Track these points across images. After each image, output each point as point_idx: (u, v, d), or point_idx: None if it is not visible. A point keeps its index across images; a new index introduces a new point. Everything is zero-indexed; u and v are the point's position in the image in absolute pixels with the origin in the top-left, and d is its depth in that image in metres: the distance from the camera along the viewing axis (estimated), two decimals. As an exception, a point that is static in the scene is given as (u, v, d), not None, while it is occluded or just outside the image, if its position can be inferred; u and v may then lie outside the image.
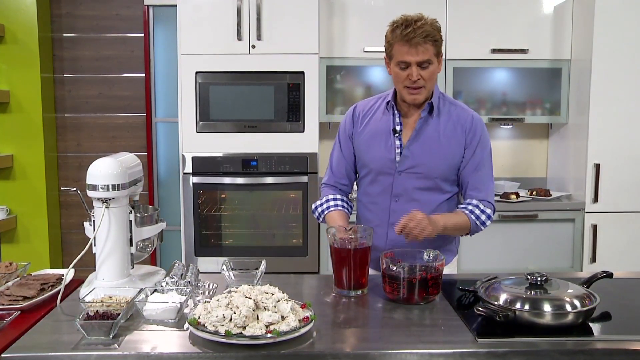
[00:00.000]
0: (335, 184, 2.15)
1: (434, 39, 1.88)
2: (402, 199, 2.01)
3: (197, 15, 3.36)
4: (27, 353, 1.43)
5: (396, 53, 1.90)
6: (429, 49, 1.87)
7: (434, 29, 1.88)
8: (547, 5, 3.66)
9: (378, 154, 2.01)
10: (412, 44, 1.85)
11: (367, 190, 2.09)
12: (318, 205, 2.14)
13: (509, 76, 3.82)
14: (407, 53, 1.87)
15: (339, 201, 2.10)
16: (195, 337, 1.47)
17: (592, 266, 3.49)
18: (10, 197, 3.83)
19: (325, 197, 2.13)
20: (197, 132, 3.42)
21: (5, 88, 3.76)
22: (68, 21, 3.97)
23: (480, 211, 1.98)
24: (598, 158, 3.47)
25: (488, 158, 2.02)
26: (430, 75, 1.91)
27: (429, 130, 1.98)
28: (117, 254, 1.86)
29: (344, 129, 2.11)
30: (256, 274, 1.88)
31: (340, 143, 2.12)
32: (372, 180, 2.06)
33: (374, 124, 2.04)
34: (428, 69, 1.90)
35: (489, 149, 2.03)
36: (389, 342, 1.48)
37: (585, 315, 1.53)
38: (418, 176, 1.98)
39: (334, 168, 2.14)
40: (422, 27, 1.85)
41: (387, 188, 2.02)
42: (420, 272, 1.70)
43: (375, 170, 2.03)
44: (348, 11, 3.61)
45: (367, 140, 2.04)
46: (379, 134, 2.02)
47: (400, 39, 1.87)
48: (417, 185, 1.99)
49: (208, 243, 3.50)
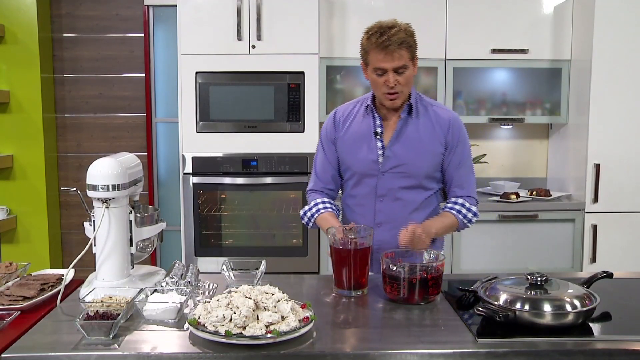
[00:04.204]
0: (322, 189, 2.17)
1: (408, 44, 1.93)
2: (386, 198, 2.06)
3: (197, 15, 3.36)
4: (27, 353, 1.43)
5: (372, 60, 1.95)
6: (404, 54, 1.92)
7: (407, 35, 1.93)
8: (547, 5, 3.66)
9: (361, 156, 2.06)
10: (387, 51, 1.90)
11: (352, 192, 2.13)
12: (307, 210, 2.16)
13: (509, 76, 3.82)
14: (383, 60, 1.92)
15: (327, 204, 2.13)
16: (195, 337, 1.47)
17: (592, 266, 3.49)
18: (10, 198, 3.83)
19: (314, 201, 2.15)
20: (197, 132, 3.42)
21: (5, 88, 3.76)
22: (68, 21, 3.97)
23: (467, 210, 2.07)
24: (598, 158, 3.47)
25: (468, 154, 2.11)
26: (406, 80, 1.96)
27: (409, 131, 2.04)
28: (117, 254, 1.86)
29: (326, 134, 2.15)
30: (256, 274, 1.88)
31: (324, 148, 2.16)
32: (356, 183, 2.10)
33: (355, 127, 2.09)
34: (404, 74, 1.95)
35: (469, 146, 2.12)
36: (389, 342, 1.48)
37: (585, 316, 1.53)
38: (401, 175, 2.04)
39: (319, 173, 2.17)
40: (396, 34, 1.90)
41: (372, 189, 2.07)
42: (420, 272, 1.70)
43: (360, 173, 2.08)
44: (348, 11, 3.61)
45: (349, 144, 2.09)
46: (361, 137, 2.07)
47: (376, 47, 1.91)
48: (401, 185, 2.05)
49: (208, 243, 3.50)
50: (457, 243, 3.51)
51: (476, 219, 2.10)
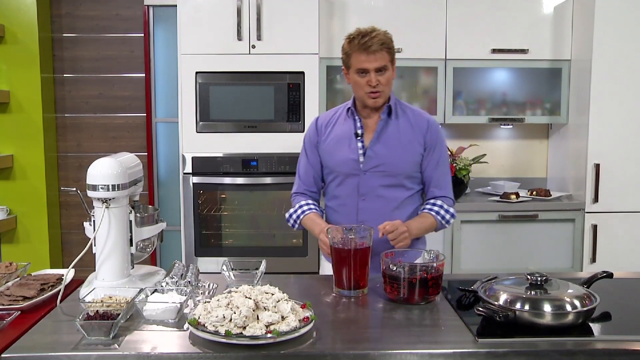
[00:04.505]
0: (305, 192, 2.27)
1: (388, 46, 2.05)
2: (368, 197, 2.14)
3: (197, 15, 3.36)
4: (27, 353, 1.43)
5: (354, 62, 2.06)
6: (385, 56, 2.04)
7: (387, 39, 2.06)
8: (547, 5, 3.66)
9: (343, 156, 2.15)
10: (369, 52, 2.02)
11: (335, 193, 2.21)
12: (292, 212, 2.25)
13: (509, 76, 3.82)
14: (365, 61, 2.03)
15: (312, 205, 2.23)
16: (195, 337, 1.47)
17: (592, 266, 3.49)
18: (10, 198, 3.83)
19: (298, 203, 2.25)
20: (197, 132, 3.42)
21: (5, 88, 3.76)
22: (68, 21, 3.97)
23: (445, 211, 2.15)
24: (598, 158, 3.47)
25: (445, 156, 2.20)
26: (387, 81, 2.08)
27: (389, 131, 2.13)
28: (117, 254, 1.86)
29: (309, 140, 2.26)
30: (256, 274, 1.88)
31: (307, 153, 2.26)
32: (339, 183, 2.19)
33: (337, 130, 2.19)
34: (385, 75, 2.06)
35: (446, 148, 2.22)
36: (389, 342, 1.48)
37: (586, 316, 1.53)
38: (382, 174, 2.12)
39: (302, 177, 2.28)
40: (377, 37, 2.03)
41: (354, 188, 2.15)
42: (420, 272, 1.70)
43: (342, 173, 2.17)
44: (348, 11, 3.61)
45: (332, 146, 2.19)
46: (343, 138, 2.16)
47: (358, 49, 2.03)
48: (382, 183, 2.13)
49: (208, 243, 3.50)
50: (457, 243, 3.51)
51: (453, 219, 2.18)
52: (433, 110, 3.68)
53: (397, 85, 3.79)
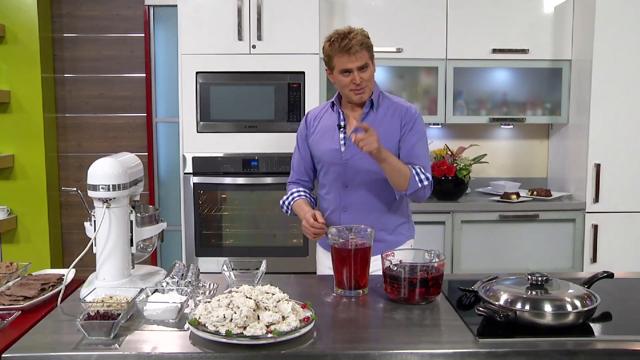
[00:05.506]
0: (297, 181, 2.42)
1: (367, 45, 2.15)
2: (350, 185, 2.25)
3: (197, 15, 3.36)
4: (27, 353, 1.43)
5: (337, 63, 2.15)
6: (365, 54, 2.14)
7: (365, 37, 2.15)
8: (547, 5, 3.65)
9: (326, 147, 2.27)
10: (350, 53, 2.11)
11: (323, 181, 2.35)
12: (285, 199, 2.38)
13: (509, 76, 3.82)
14: (347, 61, 2.13)
15: (302, 192, 2.36)
16: (196, 337, 1.47)
17: (593, 266, 3.49)
18: (11, 197, 3.83)
19: (290, 191, 2.38)
20: (198, 132, 3.42)
21: (5, 88, 3.77)
22: (68, 21, 3.97)
23: (420, 171, 2.17)
24: (598, 158, 3.47)
25: (422, 140, 2.24)
26: (369, 76, 2.18)
27: (369, 122, 2.19)
28: (118, 254, 1.86)
29: (300, 133, 2.41)
30: (257, 274, 1.88)
31: (299, 145, 2.42)
32: (325, 172, 2.32)
33: (323, 123, 2.33)
34: (367, 71, 2.16)
35: (423, 133, 2.25)
36: (390, 342, 1.48)
37: (586, 316, 1.53)
38: (362, 162, 2.20)
39: (295, 168, 2.43)
40: (355, 37, 2.11)
41: (337, 177, 2.26)
42: (420, 272, 1.70)
43: (327, 162, 2.29)
44: (348, 11, 3.61)
45: (318, 138, 2.32)
46: (327, 130, 2.29)
47: (339, 51, 2.12)
48: (363, 171, 2.22)
49: (208, 243, 3.50)
50: (457, 243, 3.51)
51: (428, 186, 2.17)
52: (433, 110, 3.68)
53: (398, 85, 3.79)
